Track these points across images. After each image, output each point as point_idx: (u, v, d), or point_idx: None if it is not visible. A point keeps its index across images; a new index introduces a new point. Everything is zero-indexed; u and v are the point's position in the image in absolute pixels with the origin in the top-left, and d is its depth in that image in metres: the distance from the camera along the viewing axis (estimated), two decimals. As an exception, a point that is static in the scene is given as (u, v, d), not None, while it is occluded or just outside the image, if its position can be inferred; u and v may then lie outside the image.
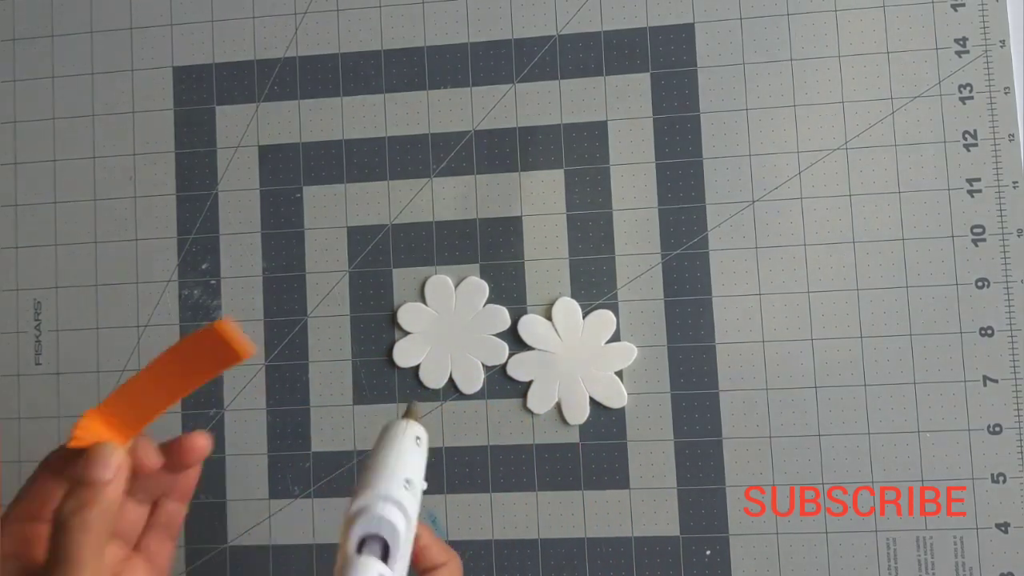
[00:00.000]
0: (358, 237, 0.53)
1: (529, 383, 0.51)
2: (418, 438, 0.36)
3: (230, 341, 0.29)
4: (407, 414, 0.37)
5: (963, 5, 0.50)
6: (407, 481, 0.33)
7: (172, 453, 0.32)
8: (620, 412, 0.50)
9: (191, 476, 0.34)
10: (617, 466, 0.50)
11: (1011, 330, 0.48)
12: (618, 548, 0.50)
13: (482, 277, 0.52)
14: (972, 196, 0.49)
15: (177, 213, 0.54)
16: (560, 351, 0.51)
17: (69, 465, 0.31)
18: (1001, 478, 0.48)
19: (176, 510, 0.35)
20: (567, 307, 0.51)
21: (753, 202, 0.50)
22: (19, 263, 0.55)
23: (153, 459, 0.32)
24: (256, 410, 0.52)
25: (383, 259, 0.52)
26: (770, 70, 0.51)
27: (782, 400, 0.49)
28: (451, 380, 0.51)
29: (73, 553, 0.27)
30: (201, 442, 0.32)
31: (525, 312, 0.51)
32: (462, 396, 0.51)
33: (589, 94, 0.52)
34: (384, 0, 0.54)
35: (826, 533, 0.48)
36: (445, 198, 0.52)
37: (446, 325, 0.51)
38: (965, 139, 0.49)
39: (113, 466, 0.29)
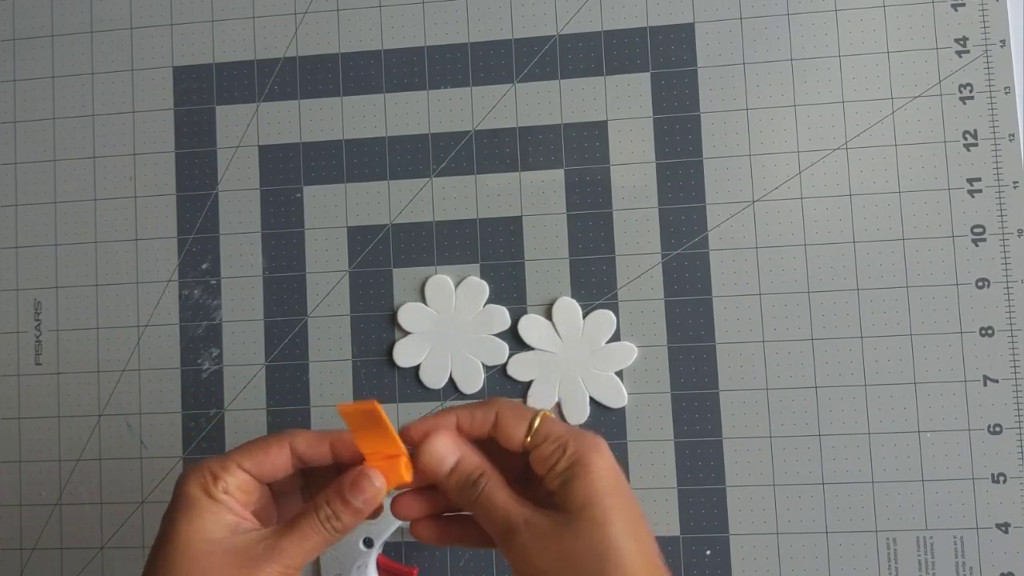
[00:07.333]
0: (358, 237, 0.53)
1: (529, 383, 0.51)
2: None
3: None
4: None
5: (963, 5, 0.50)
6: (365, 541, 0.44)
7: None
8: (620, 412, 0.50)
9: None
10: (617, 466, 0.50)
11: (1011, 330, 0.48)
12: (618, 548, 0.50)
13: (482, 277, 0.52)
14: (972, 196, 0.49)
15: (177, 213, 0.54)
16: (560, 351, 0.51)
17: (327, 455, 0.35)
18: (1001, 478, 0.48)
19: None
20: (567, 307, 0.51)
21: (753, 202, 0.50)
22: (19, 263, 0.55)
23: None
24: (256, 410, 0.52)
25: (383, 259, 0.52)
26: (770, 70, 0.51)
27: (782, 400, 0.49)
28: (451, 380, 0.51)
29: (311, 538, 0.33)
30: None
31: (525, 312, 0.51)
32: (462, 396, 0.51)
33: (589, 94, 0.52)
34: (384, 0, 0.54)
35: (826, 533, 0.48)
36: (445, 198, 0.52)
37: (446, 325, 0.51)
38: (965, 139, 0.49)
39: (375, 503, 0.34)
